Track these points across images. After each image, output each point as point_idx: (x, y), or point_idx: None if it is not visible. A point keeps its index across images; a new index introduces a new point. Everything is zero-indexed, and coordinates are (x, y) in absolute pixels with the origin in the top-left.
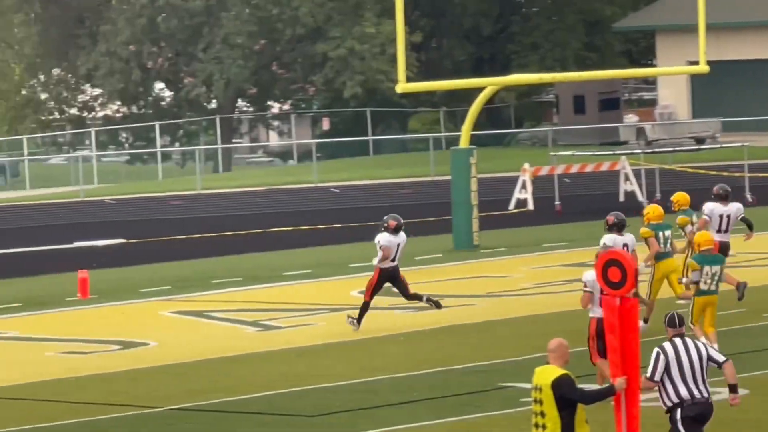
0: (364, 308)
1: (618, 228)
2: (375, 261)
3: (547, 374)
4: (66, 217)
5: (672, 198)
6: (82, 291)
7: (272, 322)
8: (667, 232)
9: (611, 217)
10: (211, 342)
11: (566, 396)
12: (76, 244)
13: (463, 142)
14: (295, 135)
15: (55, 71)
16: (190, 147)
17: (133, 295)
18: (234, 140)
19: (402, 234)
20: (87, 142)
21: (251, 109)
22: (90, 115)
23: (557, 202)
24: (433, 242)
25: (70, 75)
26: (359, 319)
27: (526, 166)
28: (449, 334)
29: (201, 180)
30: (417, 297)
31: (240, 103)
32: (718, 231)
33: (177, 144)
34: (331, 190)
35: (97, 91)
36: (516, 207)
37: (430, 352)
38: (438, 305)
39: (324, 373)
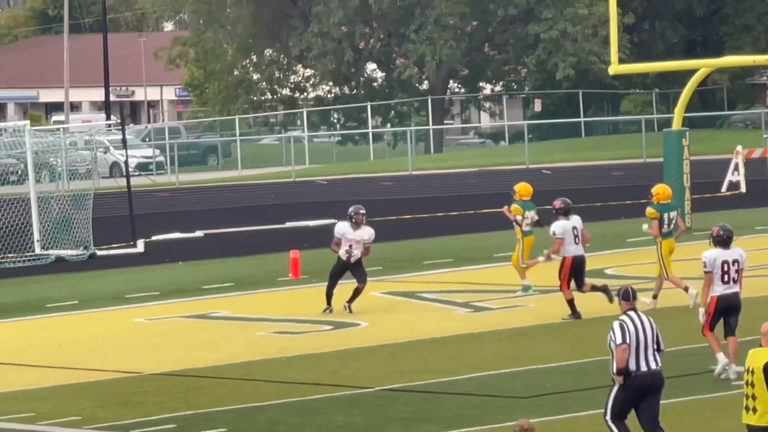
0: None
1: (564, 213)
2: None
3: (759, 357)
4: (277, 197)
5: (515, 187)
6: (293, 271)
7: (483, 304)
8: (672, 213)
9: (558, 203)
10: (422, 323)
11: None
12: (288, 224)
13: (676, 124)
14: (507, 116)
15: (267, 52)
16: (401, 128)
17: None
18: (445, 121)
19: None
20: (298, 122)
21: (463, 90)
22: (301, 96)
23: None
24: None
25: (282, 55)
26: (329, 302)
27: (739, 148)
28: (661, 316)
29: (412, 161)
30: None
31: (452, 84)
32: None
33: (388, 125)
34: (543, 171)
35: (309, 71)
36: (728, 189)
37: None
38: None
39: (535, 355)
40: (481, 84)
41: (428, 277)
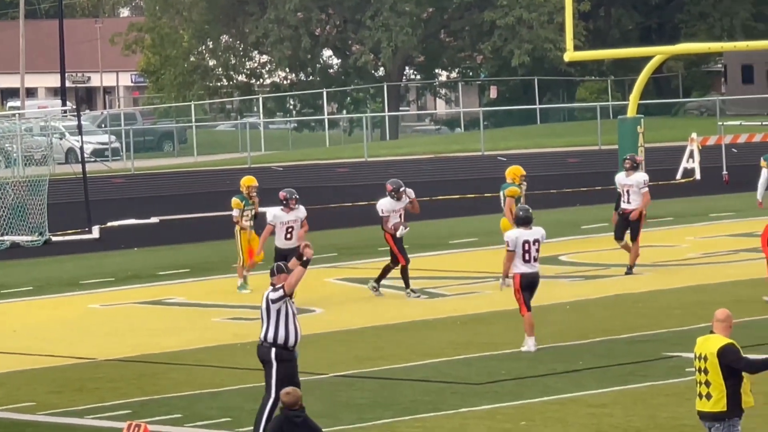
0: None
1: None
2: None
3: (712, 343)
4: (233, 183)
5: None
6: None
7: (438, 290)
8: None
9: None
10: (377, 309)
11: (732, 365)
12: None
13: (631, 111)
14: (463, 103)
15: (224, 38)
16: (357, 114)
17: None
18: (401, 108)
19: None
20: (254, 108)
21: (419, 77)
22: (258, 82)
23: (725, 172)
24: (599, 211)
25: (238, 42)
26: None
27: (694, 135)
28: (614, 303)
29: (368, 147)
30: None
31: (407, 71)
32: None
33: (344, 111)
34: (498, 158)
35: (265, 58)
36: (683, 176)
37: (596, 321)
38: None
39: (489, 341)
40: (436, 71)
41: (383, 264)
